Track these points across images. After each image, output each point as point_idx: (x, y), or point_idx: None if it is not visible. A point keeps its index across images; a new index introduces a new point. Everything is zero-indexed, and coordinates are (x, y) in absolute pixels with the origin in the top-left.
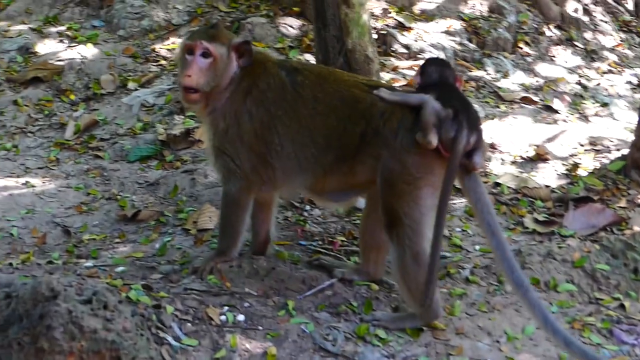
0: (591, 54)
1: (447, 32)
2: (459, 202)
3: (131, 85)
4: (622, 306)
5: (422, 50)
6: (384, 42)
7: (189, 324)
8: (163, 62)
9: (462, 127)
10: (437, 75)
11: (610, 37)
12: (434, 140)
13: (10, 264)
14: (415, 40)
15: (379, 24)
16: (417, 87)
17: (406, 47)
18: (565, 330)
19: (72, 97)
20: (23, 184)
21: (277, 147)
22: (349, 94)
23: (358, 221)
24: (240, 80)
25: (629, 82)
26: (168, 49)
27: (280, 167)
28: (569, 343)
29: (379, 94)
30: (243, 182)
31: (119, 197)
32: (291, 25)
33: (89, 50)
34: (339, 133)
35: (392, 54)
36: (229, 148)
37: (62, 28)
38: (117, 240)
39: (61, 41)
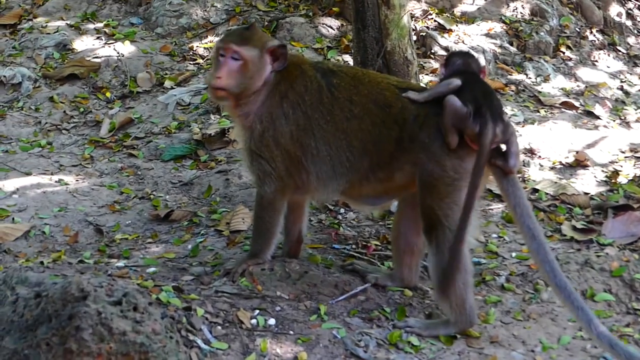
0: (634, 59)
1: (488, 35)
2: (496, 208)
3: (167, 83)
4: None
5: None
6: (424, 44)
7: (219, 327)
8: (200, 60)
9: (487, 120)
10: (461, 65)
11: None
12: (453, 141)
13: (42, 263)
14: (456, 43)
15: (419, 26)
16: (441, 78)
17: (446, 49)
18: (610, 332)
19: (108, 94)
20: (57, 181)
21: (313, 150)
22: (382, 97)
23: (392, 224)
24: (276, 83)
25: None
26: (205, 48)
27: (315, 171)
28: (614, 345)
29: (408, 96)
30: (278, 185)
31: (152, 196)
32: (330, 25)
33: (126, 48)
34: (374, 137)
35: (432, 56)
36: (265, 151)
37: (100, 25)
38: (150, 240)
39: (98, 38)
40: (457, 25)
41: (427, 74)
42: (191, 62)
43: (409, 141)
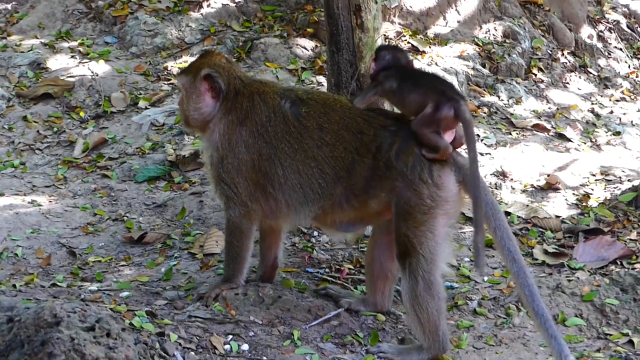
0: (604, 81)
1: (461, 57)
2: (468, 231)
3: (142, 103)
4: (630, 342)
5: None
6: None
7: (192, 353)
8: (174, 80)
9: (456, 98)
10: (390, 59)
11: (624, 64)
12: (445, 144)
13: (14, 286)
14: (429, 65)
15: None
16: (373, 73)
17: None
18: None
19: (82, 114)
20: (29, 202)
21: (280, 178)
22: (354, 123)
23: (366, 249)
24: (228, 110)
25: None
26: (180, 68)
27: (284, 199)
28: None
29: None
30: (242, 210)
31: (125, 218)
32: (304, 46)
33: (100, 67)
34: (347, 164)
35: None
36: (226, 177)
37: (74, 44)
38: (123, 263)
39: (73, 57)
40: (430, 47)
41: None
42: (165, 82)
43: (385, 169)
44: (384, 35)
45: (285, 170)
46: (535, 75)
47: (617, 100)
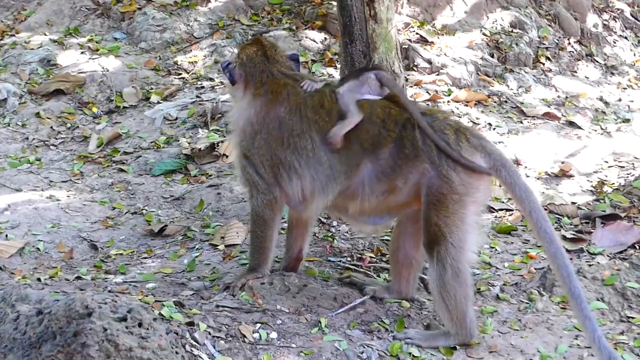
0: (611, 69)
1: (469, 47)
2: (486, 218)
3: (154, 98)
4: None
5: (444, 65)
6: (406, 57)
7: (222, 342)
8: (185, 75)
9: (377, 67)
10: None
11: (629, 52)
12: (357, 113)
13: (39, 279)
14: (438, 55)
15: (401, 38)
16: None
17: (428, 61)
18: (612, 348)
19: (95, 109)
20: (48, 197)
21: (309, 152)
22: (382, 101)
23: (386, 237)
24: (264, 93)
25: None
26: (190, 62)
27: (309, 173)
28: (613, 359)
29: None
30: (266, 199)
31: (144, 211)
32: (313, 38)
33: (110, 63)
34: (373, 137)
35: (415, 68)
36: (255, 154)
37: (84, 40)
38: (145, 255)
39: (82, 53)
40: (438, 37)
41: (410, 86)
42: (176, 77)
43: (412, 148)
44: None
45: (315, 144)
46: (543, 64)
47: (625, 88)
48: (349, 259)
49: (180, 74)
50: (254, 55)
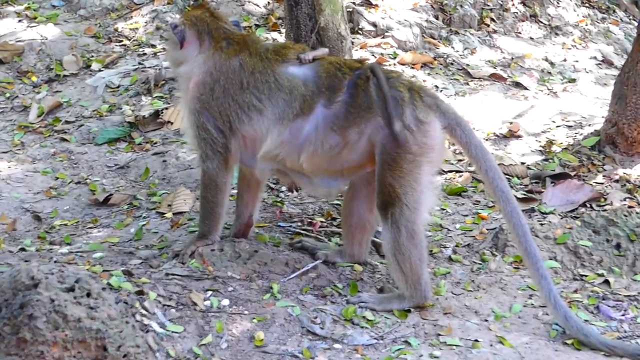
0: (555, 30)
1: (414, 9)
2: (436, 180)
3: (95, 66)
4: (606, 282)
5: (389, 28)
6: (351, 20)
7: (173, 310)
8: (126, 42)
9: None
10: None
11: (573, 13)
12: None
13: None
14: (382, 18)
15: (345, 1)
16: None
17: (373, 24)
18: (567, 306)
19: (34, 78)
20: None
21: (271, 84)
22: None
23: (336, 202)
24: (223, 46)
25: (594, 58)
26: (131, 29)
27: (270, 105)
28: (568, 318)
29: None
30: (220, 159)
31: (88, 181)
32: (256, 3)
33: (49, 31)
34: (330, 78)
35: (360, 31)
36: (212, 107)
37: (21, 8)
38: (90, 225)
39: (20, 21)
40: (382, 0)
41: (356, 50)
42: (117, 44)
43: (365, 98)
44: None
45: (276, 75)
46: (488, 25)
47: (569, 48)
48: (299, 224)
49: (122, 41)
50: (203, 16)
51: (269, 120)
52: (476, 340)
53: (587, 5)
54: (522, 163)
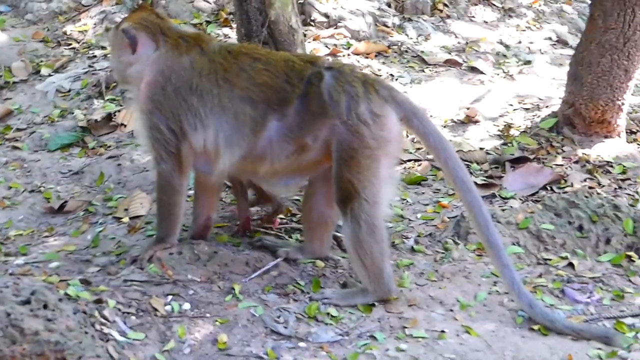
0: (509, 12)
1: None
2: (398, 169)
3: (44, 71)
4: (570, 265)
5: (341, 18)
6: (302, 12)
7: (133, 317)
8: (76, 45)
9: None
10: None
11: None
12: None
13: None
14: (334, 8)
15: None
16: None
17: (325, 15)
18: (530, 293)
19: None
20: None
21: (214, 99)
22: (283, 55)
23: (296, 197)
24: (176, 44)
25: (549, 38)
26: (80, 31)
27: (214, 124)
28: (533, 306)
29: None
30: (174, 162)
31: (42, 188)
32: None
33: None
34: (278, 92)
35: (312, 23)
36: (163, 106)
37: None
38: (46, 234)
39: None
40: None
41: (309, 42)
42: (67, 47)
43: (318, 105)
44: None
45: (220, 88)
46: (441, 11)
47: (523, 30)
48: (259, 222)
49: (71, 44)
50: (152, 18)
51: (214, 139)
52: (442, 331)
53: None
54: (481, 148)
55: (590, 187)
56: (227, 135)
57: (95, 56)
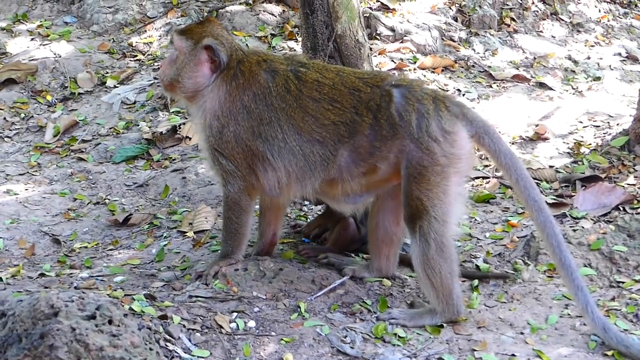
0: (577, 27)
1: (432, 12)
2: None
3: (110, 82)
4: None
5: (407, 32)
6: (368, 25)
7: (198, 334)
8: (141, 56)
9: None
10: None
11: (594, 9)
12: None
13: (0, 279)
14: (400, 22)
15: (361, 7)
16: None
17: (391, 29)
18: (604, 317)
19: (49, 97)
20: (5, 192)
21: (280, 142)
22: (349, 81)
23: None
24: (230, 79)
25: (618, 54)
26: (145, 43)
27: (283, 165)
28: (607, 330)
29: None
30: (241, 185)
31: (107, 201)
32: (271, 12)
33: (62, 48)
34: (347, 124)
35: (378, 37)
36: (225, 148)
37: (33, 26)
38: (111, 247)
39: (33, 40)
40: (399, 4)
41: (375, 56)
42: (132, 59)
43: (389, 128)
44: None
45: (285, 134)
46: (508, 25)
47: (592, 46)
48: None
49: (136, 55)
50: (226, 35)
51: (287, 178)
52: (513, 355)
53: (607, 0)
54: (551, 166)
55: None
56: (299, 174)
57: (160, 68)
